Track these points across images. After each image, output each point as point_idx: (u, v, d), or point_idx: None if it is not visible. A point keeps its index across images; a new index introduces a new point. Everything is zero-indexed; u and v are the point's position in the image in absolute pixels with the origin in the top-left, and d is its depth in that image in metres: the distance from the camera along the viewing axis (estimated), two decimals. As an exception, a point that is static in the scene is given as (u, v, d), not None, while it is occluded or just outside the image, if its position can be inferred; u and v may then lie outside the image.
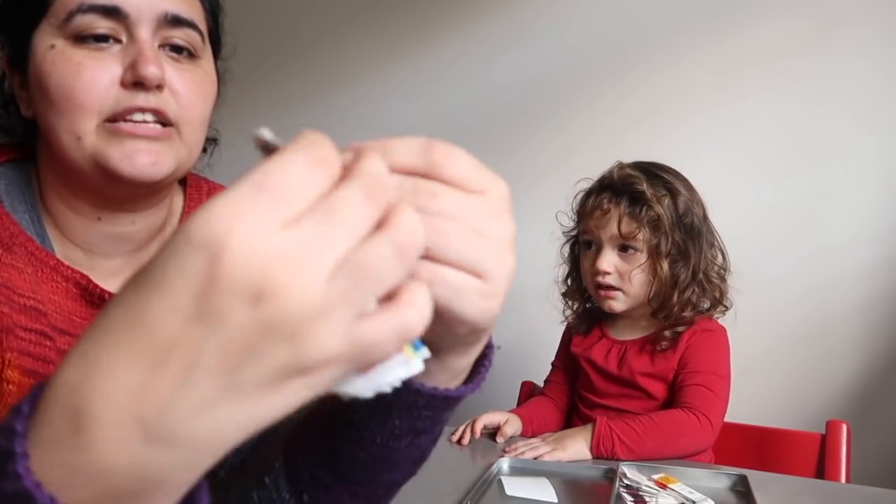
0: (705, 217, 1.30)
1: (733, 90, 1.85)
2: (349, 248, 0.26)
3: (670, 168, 1.32)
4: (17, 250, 0.62)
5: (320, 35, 2.30)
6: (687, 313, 1.26)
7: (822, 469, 1.25)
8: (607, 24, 1.98)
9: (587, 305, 1.39)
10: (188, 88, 0.63)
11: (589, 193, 1.33)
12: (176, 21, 0.62)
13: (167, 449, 0.26)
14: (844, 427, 1.25)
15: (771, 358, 1.82)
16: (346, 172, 0.28)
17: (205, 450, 0.27)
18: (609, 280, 1.27)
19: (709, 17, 1.88)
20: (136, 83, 0.60)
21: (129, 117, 0.60)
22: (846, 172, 1.78)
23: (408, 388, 0.42)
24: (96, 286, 0.64)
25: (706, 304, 1.29)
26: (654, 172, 1.29)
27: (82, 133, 0.60)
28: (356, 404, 0.44)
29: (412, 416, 0.45)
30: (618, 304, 1.29)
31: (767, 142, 1.83)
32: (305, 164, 0.26)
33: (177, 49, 0.64)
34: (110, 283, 0.66)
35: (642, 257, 1.25)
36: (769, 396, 1.82)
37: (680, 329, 1.26)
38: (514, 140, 2.06)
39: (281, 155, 0.26)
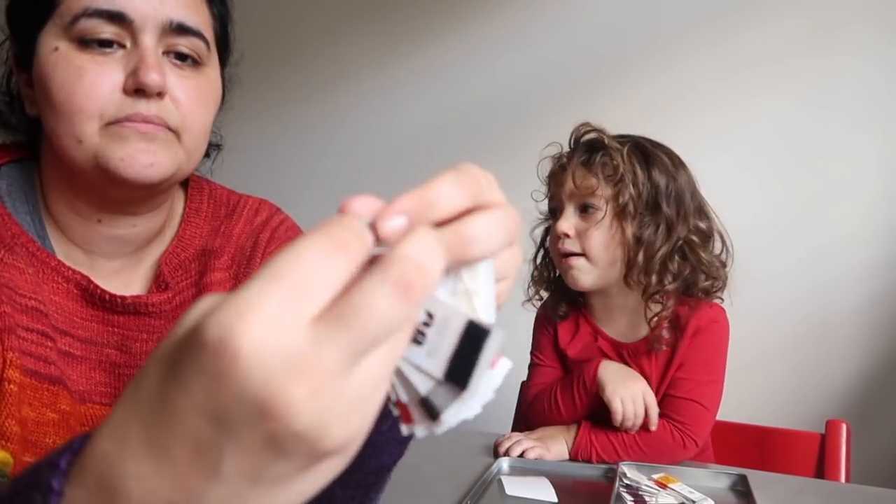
0: (693, 190, 1.17)
1: (735, 91, 1.86)
2: (375, 349, 0.25)
3: (657, 141, 1.20)
4: (19, 251, 0.62)
5: (321, 35, 2.30)
6: (669, 285, 1.11)
7: (821, 469, 1.25)
8: (609, 26, 1.98)
9: (553, 276, 1.25)
10: (190, 97, 0.63)
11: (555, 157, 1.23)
12: (181, 29, 0.63)
13: None
14: (844, 427, 1.25)
15: (771, 358, 1.82)
16: (379, 259, 0.25)
17: None
18: (569, 245, 1.14)
19: (710, 18, 1.88)
20: (137, 90, 0.60)
21: (128, 124, 0.60)
22: (846, 172, 1.78)
23: None
24: (97, 287, 0.64)
25: (703, 282, 1.14)
26: (626, 135, 1.18)
27: (83, 136, 0.60)
28: None
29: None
30: (581, 274, 1.14)
31: (768, 142, 1.84)
32: (322, 251, 0.24)
33: (181, 57, 0.64)
34: (111, 284, 0.66)
35: (601, 215, 1.12)
36: (769, 396, 1.82)
37: (669, 305, 1.12)
38: (515, 140, 2.06)
39: (295, 242, 0.25)
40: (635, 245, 1.11)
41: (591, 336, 1.23)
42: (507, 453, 1.12)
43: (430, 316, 0.30)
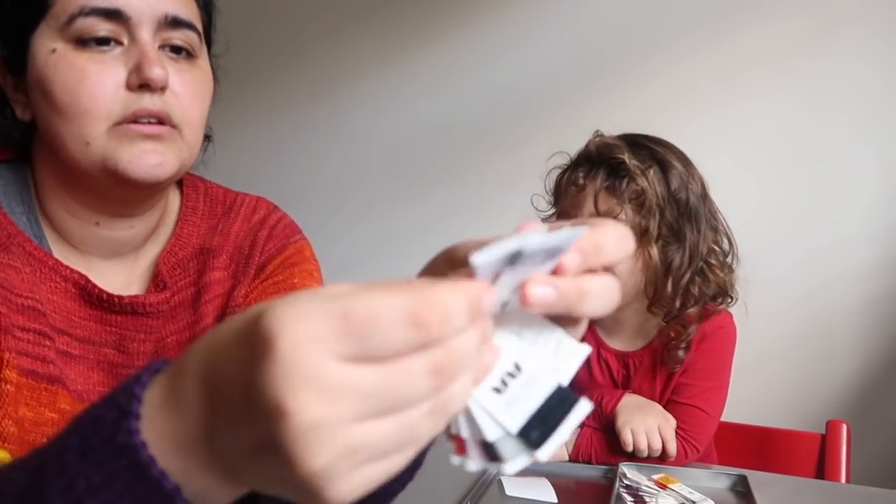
0: (705, 195, 1.14)
1: (734, 91, 1.85)
2: (389, 408, 0.27)
3: (663, 140, 1.15)
4: (15, 250, 0.62)
5: (322, 34, 2.29)
6: (691, 309, 1.10)
7: (822, 469, 1.24)
8: (608, 26, 1.98)
9: None
10: (188, 89, 0.64)
11: (565, 170, 1.16)
12: (175, 22, 0.63)
13: (219, 463, 0.30)
14: (844, 427, 1.25)
15: (771, 358, 1.82)
16: (434, 332, 0.27)
17: (245, 485, 0.31)
18: None
19: (710, 19, 1.88)
20: (141, 85, 0.60)
21: (139, 121, 0.61)
22: (846, 172, 1.78)
23: None
24: (95, 286, 0.64)
25: (709, 292, 1.13)
26: (640, 142, 1.13)
27: (91, 138, 0.60)
28: None
29: None
30: None
31: (768, 142, 1.83)
32: (403, 320, 0.26)
33: (176, 50, 0.64)
34: (109, 284, 0.66)
35: None
36: (769, 396, 1.82)
37: (690, 331, 1.11)
38: (516, 140, 2.06)
39: (387, 295, 0.26)
40: (664, 273, 1.08)
41: (596, 348, 1.21)
42: None
43: (517, 367, 0.31)
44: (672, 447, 1.09)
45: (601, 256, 0.33)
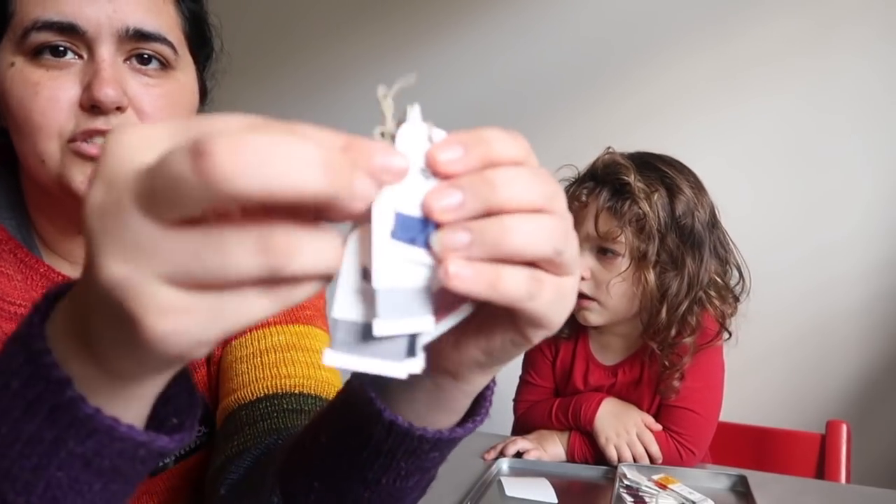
0: (713, 224, 1.12)
1: (733, 91, 1.85)
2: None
3: (676, 161, 1.14)
4: (6, 256, 0.61)
5: (319, 32, 2.29)
6: (687, 338, 1.08)
7: (822, 469, 1.24)
8: (607, 26, 1.98)
9: None
10: (156, 106, 0.60)
11: (570, 184, 1.14)
12: (140, 36, 0.58)
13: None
14: (844, 427, 1.25)
15: (771, 358, 1.82)
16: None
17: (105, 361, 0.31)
18: (584, 287, 1.08)
19: (709, 19, 1.88)
20: (93, 105, 0.56)
21: (90, 139, 0.57)
22: (845, 172, 1.78)
23: (410, 435, 0.40)
24: None
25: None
26: (650, 163, 1.11)
27: (45, 156, 0.57)
28: (358, 444, 0.43)
29: (418, 459, 0.42)
30: (593, 315, 1.12)
31: (767, 142, 1.83)
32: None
33: (145, 61, 0.60)
34: None
35: (624, 263, 1.07)
36: (769, 396, 1.82)
37: (684, 362, 1.09)
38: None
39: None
40: (659, 300, 1.07)
41: (585, 363, 1.20)
42: (502, 452, 1.13)
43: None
44: (654, 449, 1.10)
45: (492, 148, 0.30)
